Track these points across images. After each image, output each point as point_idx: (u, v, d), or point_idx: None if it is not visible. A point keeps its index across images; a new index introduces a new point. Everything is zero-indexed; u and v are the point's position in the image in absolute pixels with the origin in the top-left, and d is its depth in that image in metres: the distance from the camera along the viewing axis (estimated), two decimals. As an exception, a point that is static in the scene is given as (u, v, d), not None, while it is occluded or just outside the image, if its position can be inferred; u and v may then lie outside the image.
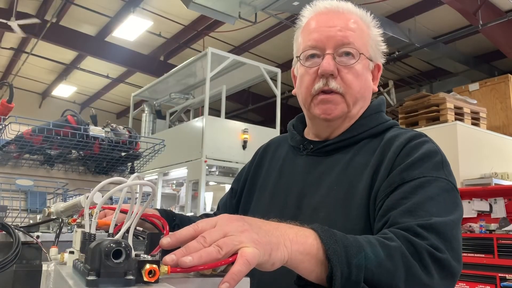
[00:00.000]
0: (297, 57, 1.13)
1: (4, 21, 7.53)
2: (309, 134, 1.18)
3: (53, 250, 0.96)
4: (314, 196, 1.03)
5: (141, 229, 1.09)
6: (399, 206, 0.86)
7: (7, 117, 1.72)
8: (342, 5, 1.10)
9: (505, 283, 3.71)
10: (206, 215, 1.34)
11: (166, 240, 0.62)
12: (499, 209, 4.37)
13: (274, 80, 6.58)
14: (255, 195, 1.21)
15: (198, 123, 5.94)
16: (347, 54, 1.05)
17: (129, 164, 2.06)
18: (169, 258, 0.59)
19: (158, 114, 8.00)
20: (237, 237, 0.62)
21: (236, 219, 0.66)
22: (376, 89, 1.15)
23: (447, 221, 0.82)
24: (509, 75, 6.41)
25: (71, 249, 0.81)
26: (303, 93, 1.10)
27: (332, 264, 0.68)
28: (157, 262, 0.58)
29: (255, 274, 0.67)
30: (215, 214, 1.34)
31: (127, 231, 0.69)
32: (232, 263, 0.61)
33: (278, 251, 0.65)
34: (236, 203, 1.28)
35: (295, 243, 0.67)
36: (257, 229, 0.65)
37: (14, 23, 7.55)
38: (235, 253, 0.62)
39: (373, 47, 1.11)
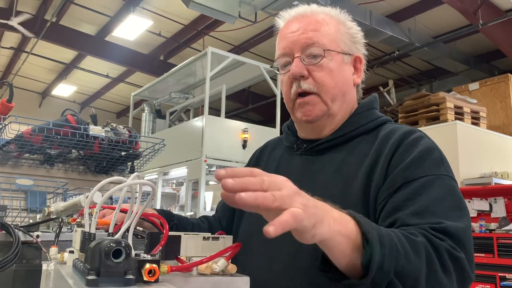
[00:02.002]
0: (275, 67, 1.16)
1: (4, 21, 7.52)
2: (301, 135, 1.19)
3: (53, 250, 0.96)
4: (308, 194, 1.03)
5: (141, 229, 1.09)
6: (405, 207, 0.86)
7: (7, 117, 1.72)
8: (307, 8, 1.13)
9: (505, 283, 3.72)
10: (206, 217, 1.35)
11: (222, 173, 0.61)
12: (499, 209, 4.37)
13: (274, 79, 6.58)
14: None
15: (198, 122, 5.94)
16: (314, 53, 1.06)
17: (129, 163, 2.07)
18: (229, 181, 0.60)
19: (158, 113, 7.99)
20: (291, 196, 0.62)
21: (291, 183, 0.66)
22: (359, 82, 1.15)
23: (459, 225, 0.83)
24: (509, 74, 6.41)
25: (71, 249, 0.81)
26: (285, 99, 1.14)
27: (373, 250, 0.69)
28: (157, 262, 0.58)
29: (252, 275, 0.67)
30: (214, 217, 1.34)
31: (127, 230, 0.69)
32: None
33: (321, 225, 0.66)
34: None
35: (338, 223, 0.69)
36: (306, 198, 0.66)
37: (14, 22, 7.54)
38: (236, 246, 0.61)
39: (346, 41, 1.11)
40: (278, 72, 1.14)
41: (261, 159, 1.28)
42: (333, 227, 0.67)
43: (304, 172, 1.09)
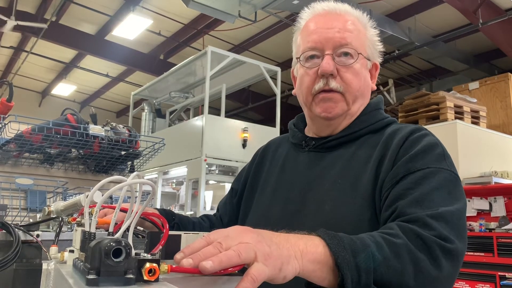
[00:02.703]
0: (297, 58, 1.15)
1: (5, 18, 7.51)
2: (309, 132, 1.19)
3: (53, 249, 0.96)
4: (318, 190, 1.04)
5: (141, 229, 1.09)
6: (405, 196, 0.88)
7: (6, 116, 1.72)
8: (339, 6, 1.13)
9: (504, 282, 3.72)
10: (207, 216, 1.35)
11: (180, 256, 0.62)
12: (499, 208, 4.37)
13: (274, 78, 6.58)
14: (257, 193, 1.21)
15: (198, 122, 5.94)
16: (346, 54, 1.07)
17: (129, 163, 2.07)
18: (186, 261, 0.60)
19: (158, 113, 7.99)
20: (252, 246, 0.63)
21: (248, 231, 0.67)
22: (375, 87, 1.18)
23: (454, 210, 0.85)
24: (509, 73, 6.41)
25: (71, 248, 0.81)
26: (304, 93, 1.12)
27: (343, 272, 0.69)
28: (157, 261, 0.58)
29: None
30: (215, 216, 1.34)
31: (127, 230, 0.69)
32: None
33: (289, 265, 0.66)
34: (237, 202, 1.29)
35: (305, 254, 0.69)
36: (269, 242, 0.66)
37: (11, 23, 7.52)
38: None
39: (370, 47, 1.14)
40: (303, 65, 1.12)
41: (265, 157, 1.28)
42: (302, 260, 0.68)
43: (313, 168, 1.10)
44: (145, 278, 0.56)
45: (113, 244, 0.54)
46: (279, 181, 1.16)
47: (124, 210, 0.76)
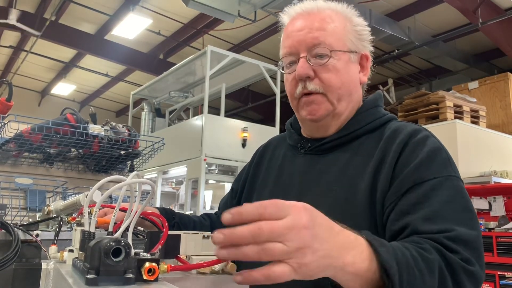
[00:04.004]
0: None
1: (3, 20, 7.51)
2: (305, 132, 1.18)
3: (53, 249, 0.96)
4: (313, 196, 1.02)
5: (142, 228, 1.09)
6: (415, 211, 0.85)
7: (6, 116, 1.72)
8: (313, 4, 1.10)
9: (504, 281, 3.72)
10: (207, 215, 1.34)
11: (227, 216, 0.58)
12: (498, 207, 4.38)
13: (273, 78, 6.58)
14: (254, 195, 1.20)
15: (197, 121, 5.93)
16: (320, 54, 1.04)
17: (129, 162, 2.07)
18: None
19: (158, 112, 7.99)
20: (291, 253, 0.58)
21: (306, 225, 0.59)
22: (366, 80, 1.13)
23: (473, 232, 0.82)
24: (509, 73, 6.41)
25: (71, 248, 0.81)
26: (290, 98, 1.12)
27: (393, 283, 0.66)
28: (157, 261, 0.58)
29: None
30: (216, 215, 1.34)
31: (127, 229, 0.69)
32: None
33: (322, 272, 0.62)
34: (236, 203, 1.28)
35: (347, 266, 0.64)
36: (318, 246, 0.60)
37: (13, 21, 7.52)
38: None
39: (353, 39, 1.08)
40: (283, 71, 1.12)
41: (264, 157, 1.27)
42: (340, 271, 0.64)
43: (309, 173, 1.07)
44: (144, 277, 0.56)
45: (113, 244, 0.54)
46: (277, 184, 1.14)
47: (123, 210, 0.76)
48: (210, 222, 1.31)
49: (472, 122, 5.62)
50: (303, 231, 0.58)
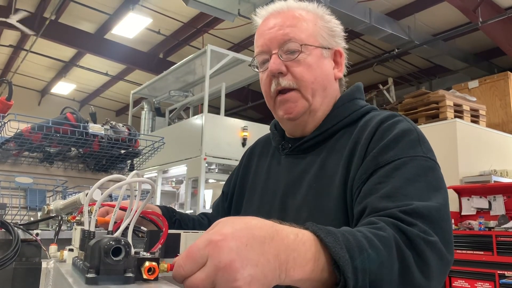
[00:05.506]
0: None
1: (3, 19, 7.50)
2: (287, 132, 1.18)
3: (53, 248, 0.96)
4: (296, 197, 1.02)
5: (145, 229, 1.09)
6: (376, 191, 0.83)
7: (6, 115, 1.72)
8: (283, 4, 1.12)
9: (504, 280, 3.73)
10: (205, 214, 1.35)
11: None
12: (498, 207, 4.38)
13: (273, 77, 6.57)
14: (245, 197, 1.21)
15: (197, 120, 5.93)
16: (291, 49, 1.05)
17: (129, 161, 2.07)
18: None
19: (158, 111, 7.99)
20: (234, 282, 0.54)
21: (228, 261, 0.53)
22: (340, 75, 1.13)
23: (431, 204, 0.78)
24: (509, 72, 6.41)
25: (71, 247, 0.81)
26: (266, 98, 1.12)
27: (345, 276, 0.61)
28: (157, 260, 0.58)
29: None
30: (212, 214, 1.35)
31: (127, 228, 0.69)
32: None
33: (274, 281, 0.58)
34: (227, 206, 1.29)
35: (297, 269, 0.60)
36: (249, 272, 0.54)
37: (13, 20, 7.52)
38: None
39: (325, 35, 1.09)
40: (257, 71, 1.12)
41: (252, 159, 1.27)
42: (291, 277, 0.60)
43: (291, 173, 1.08)
44: (144, 276, 0.56)
45: (113, 243, 0.54)
46: (265, 187, 1.14)
47: (124, 209, 0.76)
48: (207, 221, 1.32)
49: (472, 121, 5.62)
50: (228, 270, 0.53)
